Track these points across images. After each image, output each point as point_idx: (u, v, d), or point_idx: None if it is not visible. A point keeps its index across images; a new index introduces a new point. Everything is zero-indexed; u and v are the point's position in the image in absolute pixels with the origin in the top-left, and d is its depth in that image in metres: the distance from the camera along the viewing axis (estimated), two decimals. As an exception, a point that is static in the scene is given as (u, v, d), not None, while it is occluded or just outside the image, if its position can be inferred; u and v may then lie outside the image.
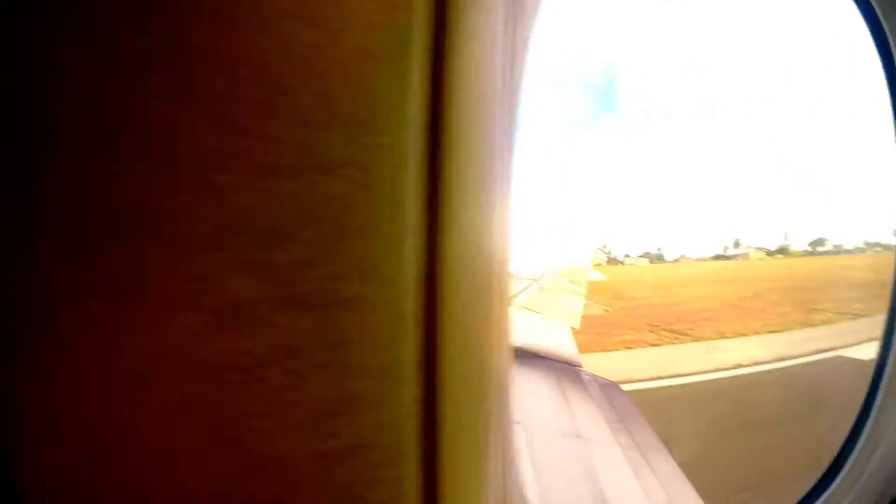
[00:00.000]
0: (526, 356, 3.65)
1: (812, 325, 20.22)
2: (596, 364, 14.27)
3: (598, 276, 12.54)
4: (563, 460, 2.27)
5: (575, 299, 6.96)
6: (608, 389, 3.29)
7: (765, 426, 8.59)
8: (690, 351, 16.92)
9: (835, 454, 1.50)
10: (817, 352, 14.76)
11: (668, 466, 2.27)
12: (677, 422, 9.81)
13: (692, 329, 20.72)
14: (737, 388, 12.32)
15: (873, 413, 1.36)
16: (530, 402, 2.80)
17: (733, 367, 13.86)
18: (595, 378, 3.49)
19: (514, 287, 6.73)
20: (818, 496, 1.44)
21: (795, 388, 11.96)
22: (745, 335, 19.24)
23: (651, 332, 20.58)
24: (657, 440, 2.54)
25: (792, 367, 13.85)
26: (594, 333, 19.79)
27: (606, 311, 8.89)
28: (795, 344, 16.33)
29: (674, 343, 18.37)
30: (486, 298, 0.66)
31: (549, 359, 3.72)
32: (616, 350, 17.08)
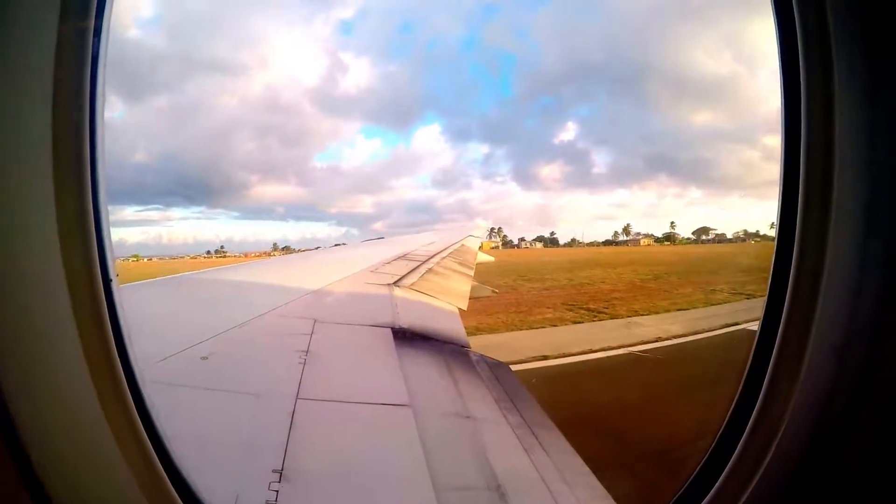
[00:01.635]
0: (414, 338, 3.51)
1: (713, 304, 23.36)
2: (528, 341, 15.38)
3: (487, 258, 12.88)
4: (453, 440, 2.16)
5: (464, 281, 7.00)
6: (496, 369, 3.26)
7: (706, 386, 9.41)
8: (611, 327, 18.67)
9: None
10: (725, 326, 17.06)
11: (559, 443, 2.26)
12: (629, 388, 10.82)
13: (607, 307, 23.09)
14: (668, 357, 13.85)
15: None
16: (418, 384, 2.66)
17: (655, 340, 15.62)
18: (483, 358, 3.45)
19: (403, 269, 6.56)
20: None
21: (717, 355, 13.64)
22: (656, 313, 21.64)
23: (569, 310, 22.55)
24: (547, 417, 2.54)
25: (707, 338, 15.91)
26: (515, 312, 21.46)
27: (494, 292, 9.07)
28: (704, 320, 18.73)
29: (594, 320, 20.25)
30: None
31: (437, 340, 3.61)
32: (542, 328, 18.42)
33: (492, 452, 2.09)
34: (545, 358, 13.12)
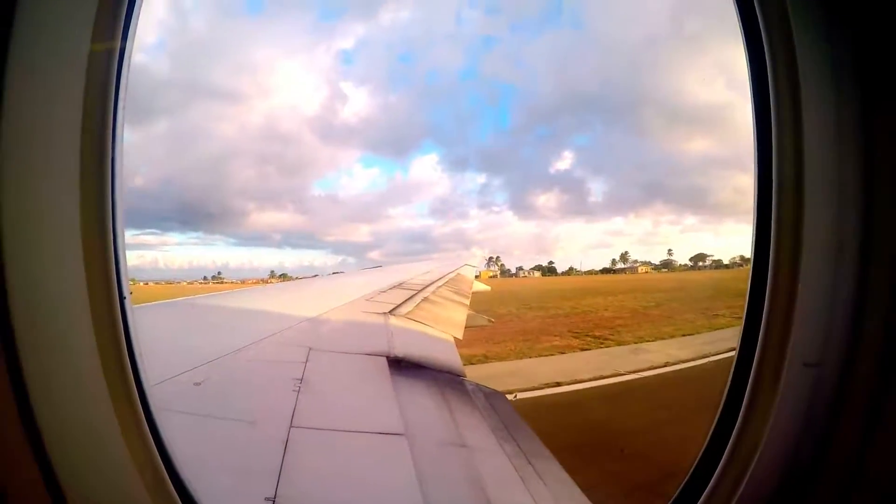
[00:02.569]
0: (409, 367, 3.48)
1: (716, 329, 23.37)
2: (539, 368, 15.41)
3: (484, 287, 12.93)
4: (448, 470, 2.13)
5: (460, 310, 6.98)
6: (492, 399, 3.23)
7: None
8: (619, 353, 18.69)
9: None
10: (732, 349, 16.84)
11: (557, 472, 2.23)
12: (642, 412, 10.77)
13: (612, 335, 23.14)
14: (681, 380, 13.89)
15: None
16: (413, 413, 2.63)
17: (664, 366, 15.66)
18: (479, 387, 3.42)
19: (399, 297, 6.54)
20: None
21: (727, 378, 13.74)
22: (661, 338, 21.64)
23: (575, 337, 22.58)
24: (543, 447, 2.51)
25: (715, 361, 15.80)
26: (523, 340, 21.48)
27: (491, 321, 9.06)
28: (709, 344, 18.63)
29: (601, 347, 20.28)
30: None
31: (433, 369, 3.59)
32: (551, 355, 18.46)
33: (488, 482, 2.05)
34: (558, 385, 13.09)
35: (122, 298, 1.06)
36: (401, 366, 3.46)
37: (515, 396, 11.01)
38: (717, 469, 1.44)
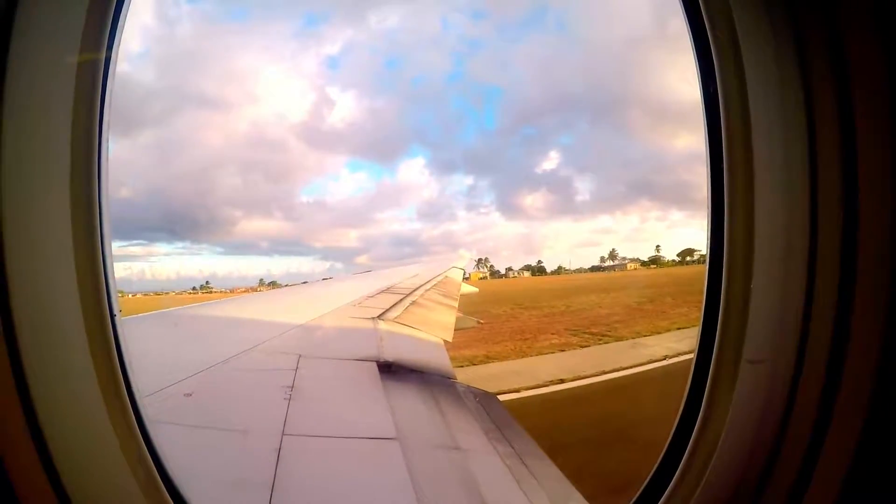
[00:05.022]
0: (399, 371, 3.50)
1: None
2: (542, 366, 15.54)
3: (472, 289, 12.99)
4: (442, 473, 2.15)
5: (448, 313, 7.00)
6: (484, 400, 3.26)
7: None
8: (618, 349, 18.87)
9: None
10: None
11: (551, 471, 2.26)
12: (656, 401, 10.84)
13: (609, 331, 23.15)
14: (683, 371, 13.87)
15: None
16: (405, 417, 2.65)
17: (663, 359, 15.78)
18: (470, 389, 3.44)
19: (387, 302, 6.54)
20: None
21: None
22: (658, 333, 21.72)
23: (573, 335, 22.55)
24: (537, 447, 2.54)
25: None
26: (521, 339, 21.47)
27: (480, 322, 9.12)
28: None
29: (599, 343, 20.35)
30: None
31: (423, 373, 3.61)
32: (551, 353, 18.52)
33: (482, 483, 2.08)
34: (562, 381, 13.21)
35: (112, 316, 1.09)
36: (391, 370, 3.47)
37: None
38: (678, 467, 1.46)
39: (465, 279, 14.07)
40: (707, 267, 1.46)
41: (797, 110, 1.29)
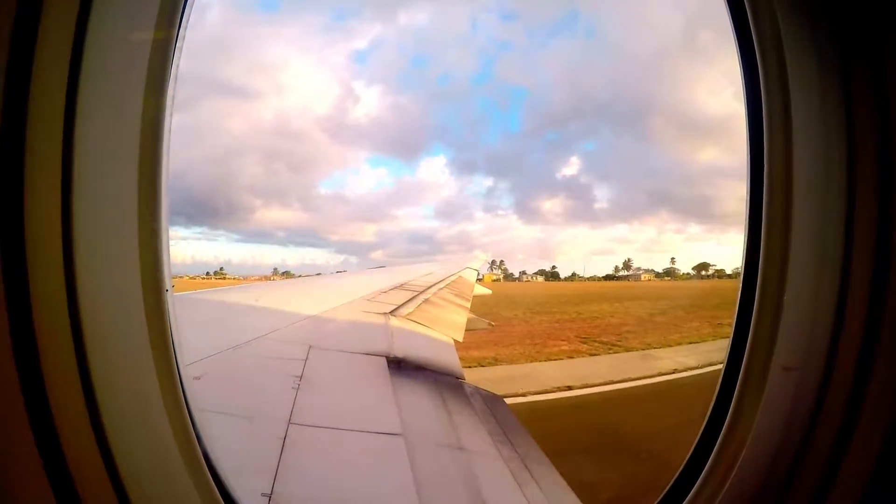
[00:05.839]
0: (408, 368, 3.49)
1: (721, 337, 22.82)
2: (549, 372, 15.59)
3: (485, 291, 12.99)
4: (444, 472, 2.13)
5: (460, 313, 6.99)
6: (491, 402, 3.24)
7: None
8: (628, 359, 18.77)
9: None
10: None
11: (553, 477, 2.23)
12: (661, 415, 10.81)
13: (620, 341, 23.11)
14: (691, 386, 13.92)
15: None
16: (411, 414, 2.64)
17: (672, 372, 15.78)
18: (477, 390, 3.42)
19: (400, 298, 6.55)
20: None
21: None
22: (669, 346, 21.73)
23: (584, 343, 22.61)
24: (540, 451, 2.51)
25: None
26: (531, 344, 21.54)
27: (491, 325, 9.10)
28: (716, 351, 18.35)
29: (609, 353, 20.40)
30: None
31: (432, 371, 3.60)
32: (560, 359, 18.60)
33: (483, 485, 2.06)
34: (569, 388, 13.17)
35: (164, 291, 1.12)
36: (400, 366, 3.47)
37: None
38: (703, 469, 1.47)
39: (479, 280, 14.04)
40: (741, 275, 1.47)
41: (838, 127, 1.30)
